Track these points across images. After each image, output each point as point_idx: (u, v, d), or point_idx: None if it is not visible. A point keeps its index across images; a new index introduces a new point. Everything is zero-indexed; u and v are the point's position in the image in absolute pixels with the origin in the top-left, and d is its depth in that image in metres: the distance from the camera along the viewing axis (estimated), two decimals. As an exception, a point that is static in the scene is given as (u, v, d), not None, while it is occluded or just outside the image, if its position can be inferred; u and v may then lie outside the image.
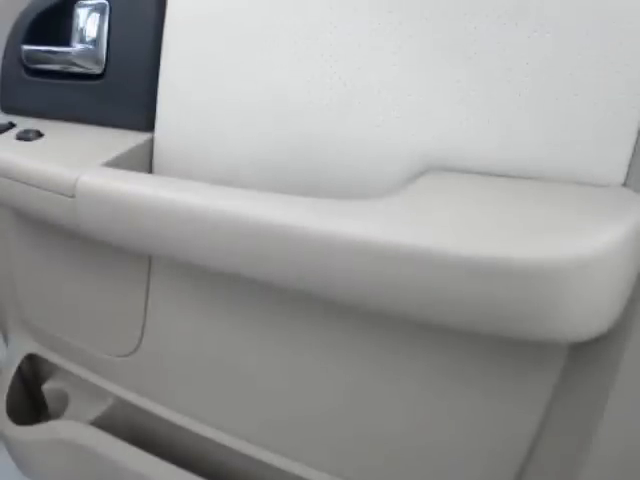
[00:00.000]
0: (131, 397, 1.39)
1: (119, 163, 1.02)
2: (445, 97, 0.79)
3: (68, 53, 1.18)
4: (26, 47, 1.23)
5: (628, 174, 0.71)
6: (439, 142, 0.81)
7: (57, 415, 1.57)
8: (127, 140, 1.09)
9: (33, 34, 1.25)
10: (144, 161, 1.10)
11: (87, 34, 1.15)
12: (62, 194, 0.98)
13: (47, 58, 1.21)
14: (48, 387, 1.59)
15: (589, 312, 0.63)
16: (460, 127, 0.79)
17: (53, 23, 1.23)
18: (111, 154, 1.03)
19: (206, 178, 1.04)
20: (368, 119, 0.86)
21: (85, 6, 1.15)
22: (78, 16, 1.17)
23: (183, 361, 1.24)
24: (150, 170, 1.13)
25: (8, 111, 1.34)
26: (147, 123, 1.10)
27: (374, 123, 0.85)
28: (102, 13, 1.13)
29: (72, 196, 0.96)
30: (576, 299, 0.61)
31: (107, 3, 1.12)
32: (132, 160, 1.06)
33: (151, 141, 1.10)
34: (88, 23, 1.15)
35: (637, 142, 0.69)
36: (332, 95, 0.88)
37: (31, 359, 1.65)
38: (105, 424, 1.45)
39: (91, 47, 1.15)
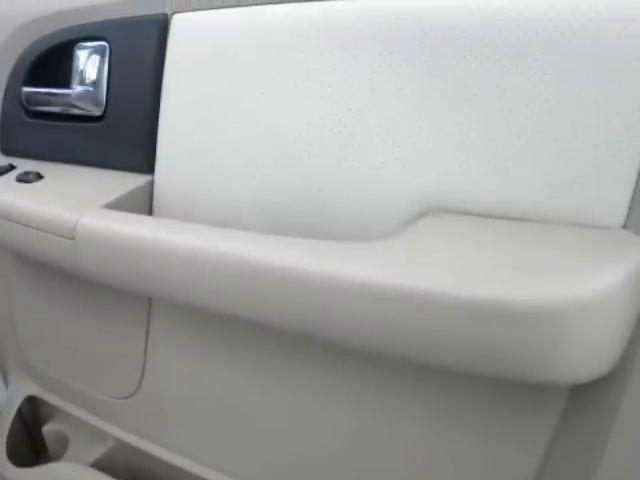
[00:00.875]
0: (131, 439, 1.38)
1: (119, 205, 1.02)
2: (445, 139, 0.79)
3: (68, 95, 1.18)
4: (26, 89, 1.24)
5: (628, 216, 0.71)
6: (439, 184, 0.81)
7: (57, 457, 1.57)
8: (127, 182, 1.09)
9: (33, 76, 1.26)
10: (144, 203, 1.10)
11: (87, 76, 1.16)
12: (62, 236, 0.98)
13: (47, 100, 1.22)
14: (48, 429, 1.58)
15: (589, 354, 0.62)
16: (460, 169, 0.79)
17: (53, 65, 1.24)
18: (111, 196, 1.03)
19: (206, 220, 1.04)
20: (368, 161, 0.86)
21: (85, 48, 1.16)
22: (78, 58, 1.17)
23: (183, 403, 1.24)
24: (150, 212, 1.13)
25: (8, 153, 1.34)
26: (147, 165, 1.11)
27: (374, 165, 0.85)
28: (102, 55, 1.14)
29: (72, 238, 0.96)
30: (576, 341, 0.61)
31: (107, 45, 1.13)
32: (132, 202, 1.06)
33: (151, 183, 1.10)
34: (88, 65, 1.15)
35: (637, 184, 0.69)
36: (332, 137, 0.88)
37: (31, 401, 1.64)
38: (105, 466, 1.44)
39: (91, 89, 1.15)
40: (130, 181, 1.09)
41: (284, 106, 0.92)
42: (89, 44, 1.16)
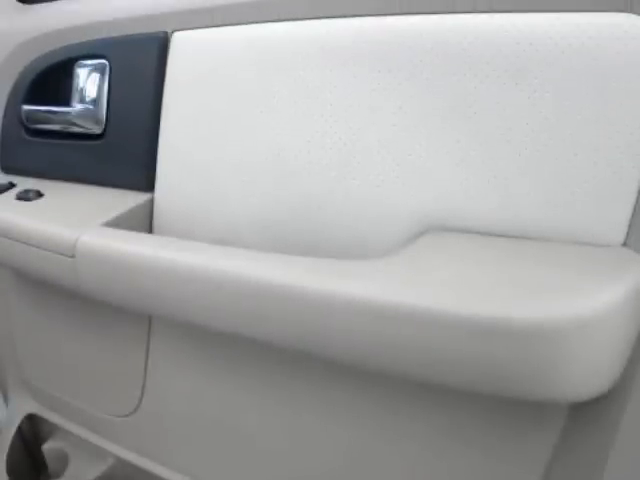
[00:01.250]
0: (131, 457, 1.38)
1: (119, 223, 1.02)
2: (445, 157, 0.79)
3: (68, 113, 1.18)
4: (26, 107, 1.24)
5: (628, 234, 0.71)
6: (439, 202, 0.81)
7: (57, 475, 1.56)
8: (127, 200, 1.09)
9: (33, 94, 1.26)
10: (144, 221, 1.10)
11: (87, 94, 1.16)
12: (62, 254, 0.98)
13: (47, 118, 1.22)
14: (48, 447, 1.58)
15: (589, 372, 0.62)
16: (460, 187, 0.79)
17: (53, 83, 1.24)
18: (111, 214, 1.03)
19: (206, 238, 1.04)
20: (368, 179, 0.86)
21: (85, 66, 1.16)
22: (78, 76, 1.17)
23: (183, 421, 1.23)
24: (150, 230, 1.13)
25: (8, 171, 1.34)
26: (147, 183, 1.10)
27: (374, 183, 0.85)
28: (102, 73, 1.14)
29: (72, 256, 0.96)
30: (576, 359, 0.61)
31: (107, 63, 1.13)
32: (132, 220, 1.06)
33: (151, 201, 1.10)
34: (88, 83, 1.16)
35: (637, 202, 0.69)
36: (332, 155, 0.88)
37: (31, 419, 1.63)
38: (105, 484, 1.44)
39: (91, 107, 1.15)
40: (130, 199, 1.09)
41: (284, 124, 0.92)
42: (89, 62, 1.16)
